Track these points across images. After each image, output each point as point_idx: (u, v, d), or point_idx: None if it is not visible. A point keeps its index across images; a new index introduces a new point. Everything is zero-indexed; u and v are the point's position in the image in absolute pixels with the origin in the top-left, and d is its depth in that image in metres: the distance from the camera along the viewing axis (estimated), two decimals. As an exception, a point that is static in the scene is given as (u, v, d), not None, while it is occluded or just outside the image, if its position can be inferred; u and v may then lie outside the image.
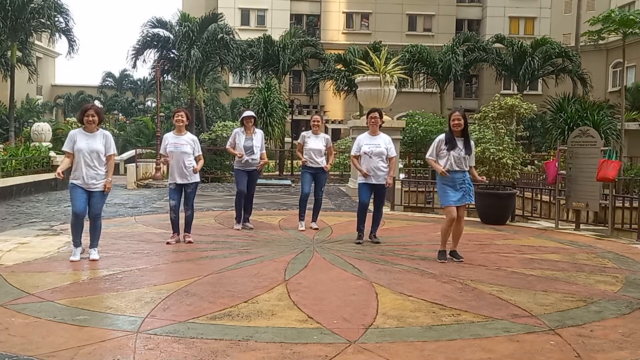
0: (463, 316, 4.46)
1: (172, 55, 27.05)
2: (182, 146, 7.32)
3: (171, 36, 26.67)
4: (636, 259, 6.95)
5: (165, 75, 28.83)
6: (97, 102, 40.44)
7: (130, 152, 27.38)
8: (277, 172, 24.38)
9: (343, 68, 27.01)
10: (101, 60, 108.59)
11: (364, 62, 14.87)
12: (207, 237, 7.89)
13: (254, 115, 8.77)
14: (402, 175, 15.67)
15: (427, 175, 17.58)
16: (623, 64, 22.92)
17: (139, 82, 50.64)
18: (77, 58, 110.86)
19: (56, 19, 26.65)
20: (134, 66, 27.36)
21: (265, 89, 22.07)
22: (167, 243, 7.36)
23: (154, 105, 42.70)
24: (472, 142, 6.74)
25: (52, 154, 16.53)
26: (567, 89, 26.17)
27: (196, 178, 7.49)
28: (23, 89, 36.11)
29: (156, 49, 26.87)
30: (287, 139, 28.52)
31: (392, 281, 5.53)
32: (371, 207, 7.90)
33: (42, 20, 26.50)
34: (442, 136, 6.67)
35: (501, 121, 10.68)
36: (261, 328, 4.11)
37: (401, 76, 15.52)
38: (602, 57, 36.98)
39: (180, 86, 34.90)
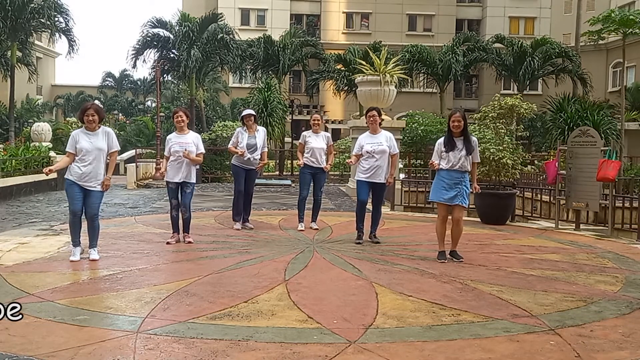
0: (463, 316, 4.46)
1: (172, 55, 27.05)
2: (187, 145, 7.35)
3: (171, 36, 26.67)
4: (636, 259, 6.95)
5: (165, 75, 28.83)
6: (96, 102, 40.42)
7: (130, 152, 27.35)
8: (277, 172, 24.40)
9: (343, 68, 26.99)
10: (101, 60, 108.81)
11: (364, 62, 14.87)
12: (207, 237, 7.89)
13: (254, 113, 8.77)
14: (402, 175, 15.67)
15: (427, 175, 17.58)
16: (623, 64, 22.95)
17: (139, 82, 50.65)
18: (77, 58, 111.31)
19: (56, 19, 26.67)
20: (134, 66, 27.43)
21: (265, 89, 22.08)
22: (167, 243, 7.36)
23: (154, 105, 42.72)
24: (474, 139, 6.72)
25: (52, 154, 16.54)
26: (567, 89, 26.16)
27: (194, 179, 7.50)
28: (23, 89, 36.11)
29: (156, 49, 26.87)
30: (287, 139, 28.52)
31: (392, 281, 5.53)
32: (370, 206, 7.89)
33: (42, 20, 26.52)
34: (440, 140, 6.68)
35: (501, 121, 10.68)
36: (261, 328, 4.11)
37: (401, 76, 15.52)
38: (602, 57, 36.98)
39: (180, 86, 34.91)
